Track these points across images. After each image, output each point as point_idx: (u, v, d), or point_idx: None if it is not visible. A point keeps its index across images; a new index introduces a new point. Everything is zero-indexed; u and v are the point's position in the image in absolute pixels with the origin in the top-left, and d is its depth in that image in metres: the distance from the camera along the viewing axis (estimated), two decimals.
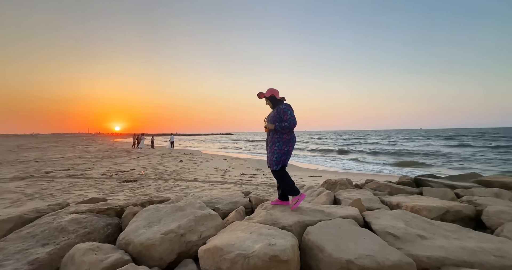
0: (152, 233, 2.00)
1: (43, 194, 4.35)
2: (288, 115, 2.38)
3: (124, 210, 2.68)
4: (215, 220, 2.29)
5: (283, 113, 2.40)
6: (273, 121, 2.44)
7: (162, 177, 6.61)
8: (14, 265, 1.56)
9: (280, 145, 2.43)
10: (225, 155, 18.30)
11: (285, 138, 2.44)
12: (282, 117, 2.41)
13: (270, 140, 2.52)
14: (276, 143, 2.44)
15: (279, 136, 2.45)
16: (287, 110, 2.41)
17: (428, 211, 2.49)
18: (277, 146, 2.43)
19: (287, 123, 2.37)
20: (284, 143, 2.44)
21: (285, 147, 2.44)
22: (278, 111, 2.44)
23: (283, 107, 2.44)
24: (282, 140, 2.43)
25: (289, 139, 2.46)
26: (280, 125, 2.38)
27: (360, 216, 2.34)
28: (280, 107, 2.45)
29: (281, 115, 2.41)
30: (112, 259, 1.65)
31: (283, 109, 2.42)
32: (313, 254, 1.78)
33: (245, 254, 1.58)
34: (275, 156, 2.43)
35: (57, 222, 2.10)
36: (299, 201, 2.43)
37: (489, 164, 13.25)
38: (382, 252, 1.64)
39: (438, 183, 4.00)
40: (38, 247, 1.79)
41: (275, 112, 2.48)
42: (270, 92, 2.52)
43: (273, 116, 2.47)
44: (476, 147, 22.33)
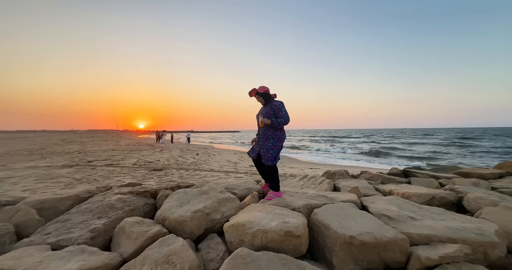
0: (184, 211, 2.08)
1: (89, 179, 4.53)
2: (283, 111, 2.23)
3: (157, 192, 2.78)
4: (234, 202, 2.36)
5: (277, 109, 2.23)
6: (267, 117, 2.25)
7: (183, 167, 6.75)
8: (80, 232, 1.68)
9: (274, 141, 2.28)
10: (234, 149, 18.43)
11: (278, 134, 2.29)
12: (277, 113, 2.24)
13: (262, 136, 2.32)
14: (270, 139, 2.28)
15: (272, 133, 2.28)
16: (281, 107, 2.24)
17: (417, 197, 2.50)
18: (271, 143, 2.28)
19: (282, 119, 2.21)
20: (278, 140, 2.29)
21: (279, 143, 2.30)
22: (272, 107, 2.26)
23: (277, 104, 2.26)
24: (276, 136, 2.28)
25: (281, 135, 2.33)
26: (276, 120, 2.21)
27: (358, 200, 2.37)
28: (274, 104, 2.27)
29: (275, 111, 2.24)
30: (154, 230, 1.74)
31: (277, 106, 2.24)
32: (320, 231, 1.83)
33: (264, 229, 1.64)
34: (270, 152, 2.28)
35: (107, 200, 2.21)
36: (275, 196, 2.36)
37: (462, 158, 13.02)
38: (380, 229, 1.67)
39: (424, 174, 3.97)
40: (95, 219, 1.90)
41: (268, 108, 2.28)
42: (263, 89, 2.33)
43: (267, 112, 2.27)
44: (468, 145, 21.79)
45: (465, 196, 2.53)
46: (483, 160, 12.46)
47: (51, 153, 10.16)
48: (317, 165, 9.98)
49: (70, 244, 1.58)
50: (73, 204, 2.32)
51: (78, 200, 2.39)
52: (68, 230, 1.72)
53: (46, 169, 5.66)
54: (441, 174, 4.12)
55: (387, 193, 2.89)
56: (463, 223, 1.86)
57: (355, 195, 2.55)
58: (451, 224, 1.81)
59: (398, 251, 1.57)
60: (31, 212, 1.91)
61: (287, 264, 1.43)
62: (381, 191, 3.00)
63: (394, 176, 4.01)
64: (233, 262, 1.38)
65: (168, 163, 7.57)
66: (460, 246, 1.51)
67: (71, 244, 1.58)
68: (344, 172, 4.00)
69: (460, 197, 2.63)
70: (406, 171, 4.19)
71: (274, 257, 1.46)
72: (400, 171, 4.27)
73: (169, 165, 7.23)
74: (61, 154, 9.75)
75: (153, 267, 1.29)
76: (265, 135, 2.31)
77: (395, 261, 1.58)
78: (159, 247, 1.42)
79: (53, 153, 9.85)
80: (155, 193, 2.78)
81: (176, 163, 7.70)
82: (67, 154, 9.59)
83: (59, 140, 23.13)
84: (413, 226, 1.83)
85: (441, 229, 1.74)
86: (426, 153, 16.05)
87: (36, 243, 1.58)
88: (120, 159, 8.31)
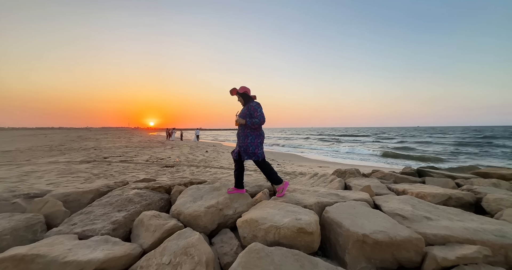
0: (197, 206, 2.15)
1: (106, 174, 4.75)
2: (258, 112, 2.29)
3: (171, 188, 2.88)
4: (246, 198, 2.41)
5: (253, 110, 2.30)
6: (243, 117, 2.34)
7: (194, 164, 6.90)
8: (102, 223, 1.79)
9: (253, 138, 2.33)
10: None
11: (256, 133, 2.35)
12: (252, 114, 2.30)
13: (241, 134, 2.38)
14: (249, 136, 2.33)
15: (250, 131, 2.34)
16: (257, 107, 2.31)
17: (432, 197, 2.43)
18: (250, 140, 2.33)
19: (257, 120, 2.27)
20: (256, 137, 2.35)
21: (257, 140, 2.35)
22: (248, 108, 2.32)
23: (253, 105, 2.32)
24: (254, 133, 2.34)
25: (259, 133, 2.38)
26: (250, 121, 2.27)
27: (371, 199, 2.34)
28: (250, 104, 2.33)
29: (251, 112, 2.30)
30: (171, 224, 1.82)
31: (253, 106, 2.31)
32: (331, 228, 1.83)
33: (276, 225, 1.67)
34: (251, 148, 2.33)
35: (126, 194, 2.32)
36: (283, 188, 2.39)
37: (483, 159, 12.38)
38: (394, 229, 1.66)
39: (439, 173, 3.84)
40: (115, 212, 2.00)
41: (245, 109, 2.35)
42: (243, 89, 2.40)
43: (243, 112, 2.35)
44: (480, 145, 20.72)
45: (484, 196, 2.43)
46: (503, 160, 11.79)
47: (69, 149, 10.70)
48: (326, 163, 9.87)
49: (94, 234, 1.69)
50: (94, 197, 2.46)
51: (99, 193, 2.53)
52: (92, 221, 1.84)
53: (66, 164, 5.98)
54: (457, 174, 3.96)
55: (400, 193, 2.83)
56: (482, 224, 1.80)
57: (367, 193, 2.52)
58: (469, 225, 1.76)
59: (413, 250, 1.55)
60: (58, 204, 2.05)
61: (300, 260, 1.45)
62: (394, 190, 2.94)
63: (407, 175, 3.91)
64: (247, 256, 1.42)
65: (179, 160, 7.76)
66: (479, 248, 1.47)
67: (95, 234, 1.69)
68: (355, 170, 3.95)
69: (478, 197, 2.53)
70: (420, 170, 4.07)
71: (287, 252, 1.49)
72: (414, 170, 4.16)
73: (180, 162, 7.42)
74: (79, 150, 10.25)
75: (172, 258, 1.36)
76: (243, 133, 2.37)
77: (410, 261, 1.56)
78: (177, 240, 1.49)
79: (71, 149, 10.37)
80: (169, 189, 2.88)
81: (187, 160, 7.88)
82: (84, 150, 10.06)
83: (76, 136, 24.25)
84: (428, 226, 1.79)
85: (458, 230, 1.70)
86: (441, 152, 15.42)
87: (64, 232, 1.70)
88: (133, 155, 8.62)
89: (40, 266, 1.24)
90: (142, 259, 1.45)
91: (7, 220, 1.68)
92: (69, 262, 1.27)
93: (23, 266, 1.22)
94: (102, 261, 1.33)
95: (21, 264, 1.22)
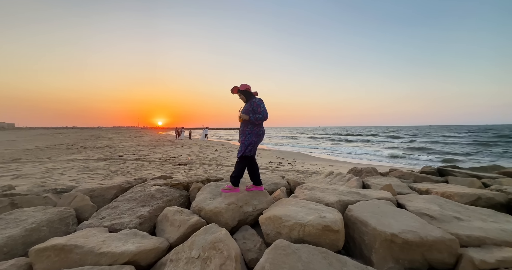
0: (218, 203, 2.17)
1: (123, 171, 4.91)
2: (261, 108, 2.28)
3: (189, 185, 2.93)
4: (265, 196, 2.41)
5: (256, 106, 2.29)
6: (246, 113, 2.32)
7: (205, 162, 6.99)
8: (129, 217, 1.85)
9: (250, 137, 2.32)
10: None
11: (255, 130, 2.33)
12: (255, 110, 2.29)
13: (241, 132, 2.39)
14: (247, 135, 2.33)
15: (249, 129, 2.32)
16: (260, 103, 2.30)
17: (460, 197, 2.33)
18: (247, 138, 2.33)
19: (260, 115, 2.26)
20: (254, 135, 2.33)
21: (254, 138, 2.33)
22: (251, 104, 2.32)
23: (256, 101, 2.32)
24: (253, 132, 2.32)
25: (258, 131, 2.35)
26: (254, 117, 2.27)
27: (394, 198, 2.28)
28: (253, 100, 2.33)
29: (254, 108, 2.30)
30: (194, 219, 1.86)
31: (256, 102, 2.31)
32: (356, 227, 1.80)
33: (301, 223, 1.66)
34: (244, 144, 2.33)
35: (148, 190, 2.39)
36: (231, 191, 2.35)
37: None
38: (424, 229, 1.60)
39: (462, 173, 3.67)
40: (139, 207, 2.07)
41: (248, 105, 2.35)
42: (244, 87, 2.39)
43: (246, 109, 2.34)
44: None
45: None
46: None
47: (85, 147, 11.14)
48: (337, 163, 9.71)
49: (123, 228, 1.75)
50: (117, 193, 2.54)
51: (121, 189, 2.62)
52: (119, 215, 1.90)
53: (84, 161, 6.23)
54: (483, 173, 3.78)
55: (423, 192, 2.73)
56: None
57: (389, 192, 2.45)
58: (506, 227, 1.67)
59: (446, 251, 1.49)
60: (86, 198, 2.14)
61: (328, 258, 1.44)
62: (416, 190, 2.85)
63: (427, 174, 3.77)
64: (274, 253, 1.42)
65: (191, 158, 7.89)
66: None
67: (124, 228, 1.75)
68: (372, 169, 3.86)
69: (510, 198, 2.40)
70: (441, 170, 3.91)
71: (314, 250, 1.48)
72: (434, 169, 4.00)
73: (191, 160, 7.54)
74: (94, 148, 10.65)
75: (201, 252, 1.38)
76: (243, 131, 2.37)
77: (442, 262, 1.51)
78: (204, 234, 1.51)
79: (87, 148, 10.79)
80: (187, 185, 2.93)
81: (198, 158, 8.00)
82: (99, 149, 10.44)
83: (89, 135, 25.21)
84: (460, 226, 1.72)
85: (494, 231, 1.62)
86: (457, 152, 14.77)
87: (95, 225, 1.76)
88: (146, 153, 8.85)
89: (78, 256, 1.30)
90: (171, 252, 1.49)
91: (42, 213, 1.77)
92: (104, 253, 1.32)
93: (64, 255, 1.28)
94: (134, 253, 1.37)
95: (61, 253, 1.29)
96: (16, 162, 6.06)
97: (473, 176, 3.49)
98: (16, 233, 1.47)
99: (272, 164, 7.78)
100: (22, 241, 1.46)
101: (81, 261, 1.29)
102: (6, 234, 1.44)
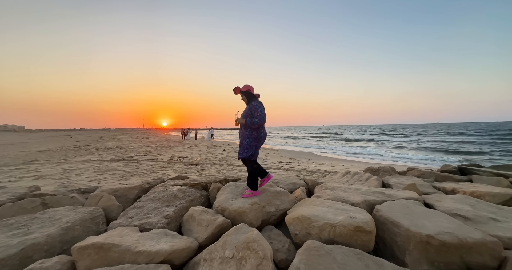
0: (241, 203, 2.17)
1: (138, 172, 4.99)
2: (259, 112, 2.24)
3: (207, 185, 2.95)
4: (287, 196, 2.39)
5: (254, 110, 2.26)
6: (245, 116, 2.31)
7: (216, 162, 7.03)
8: (156, 217, 1.87)
9: (250, 141, 2.31)
10: None
11: (254, 134, 2.31)
12: (253, 113, 2.26)
13: (241, 135, 2.40)
14: (246, 138, 2.32)
15: (248, 132, 2.31)
16: (258, 107, 2.26)
17: (492, 197, 2.25)
18: (247, 142, 2.32)
19: (257, 120, 2.23)
20: (254, 140, 2.31)
21: (253, 143, 2.32)
22: (250, 107, 2.30)
23: (255, 104, 2.29)
24: (252, 136, 2.31)
25: (258, 135, 2.33)
26: (250, 121, 2.24)
27: (421, 198, 2.22)
28: (252, 104, 2.30)
29: (252, 111, 2.27)
30: (221, 219, 1.86)
31: (254, 106, 2.27)
32: (386, 228, 1.76)
33: (331, 223, 1.63)
34: (245, 150, 2.33)
35: (170, 191, 2.41)
36: (252, 195, 2.30)
37: None
38: (461, 230, 1.55)
39: (486, 172, 3.54)
40: (164, 207, 2.09)
41: (246, 109, 2.34)
42: (246, 88, 2.36)
43: (245, 112, 2.34)
44: None
45: None
46: None
47: (96, 148, 11.39)
48: (347, 162, 9.58)
49: (152, 227, 1.77)
50: (138, 193, 2.58)
51: (142, 189, 2.66)
52: (146, 215, 1.93)
53: (99, 162, 6.37)
54: (507, 172, 3.63)
55: (449, 192, 2.65)
56: None
57: (414, 192, 2.39)
58: None
59: (488, 254, 1.44)
60: (112, 198, 2.18)
61: (363, 259, 1.41)
62: (441, 189, 2.76)
63: (448, 173, 3.66)
64: (308, 253, 1.40)
65: (201, 159, 7.95)
66: None
67: (153, 227, 1.77)
68: (389, 168, 3.78)
69: None
70: (463, 168, 3.79)
71: (348, 251, 1.45)
72: (455, 168, 3.88)
73: (201, 160, 7.60)
74: (105, 149, 10.88)
75: (235, 252, 1.38)
76: (242, 135, 2.36)
77: (483, 266, 1.45)
78: (236, 234, 1.51)
79: (98, 149, 11.04)
80: (205, 185, 2.94)
81: (208, 159, 8.05)
82: (110, 150, 10.66)
83: (98, 137, 25.78)
84: (498, 228, 1.66)
85: None
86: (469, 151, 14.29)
87: (124, 225, 1.79)
88: (156, 154, 8.97)
89: (116, 255, 1.32)
90: (204, 252, 1.49)
91: (73, 212, 1.81)
92: (141, 252, 1.34)
93: (103, 253, 1.31)
94: (169, 252, 1.39)
95: (101, 251, 1.31)
96: (34, 163, 6.26)
97: (498, 175, 3.37)
98: (54, 231, 1.51)
99: (282, 163, 7.75)
100: (59, 239, 1.50)
101: (119, 259, 1.31)
102: (45, 232, 1.48)
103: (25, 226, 1.58)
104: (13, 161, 6.71)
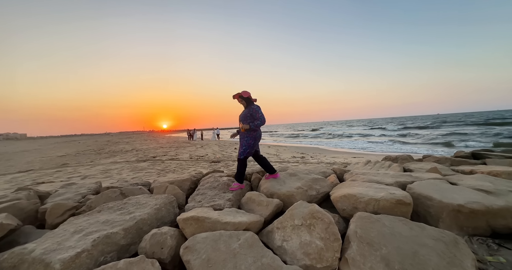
0: (288, 188, 2.48)
1: (169, 169, 5.34)
2: (259, 114, 2.54)
3: (247, 176, 3.27)
4: (325, 181, 2.69)
5: (255, 112, 2.55)
6: (245, 118, 2.59)
7: (235, 159, 7.36)
8: (220, 200, 2.21)
9: (248, 140, 2.57)
10: (264, 143, 18.91)
11: (253, 134, 2.59)
12: (254, 115, 2.55)
13: (241, 135, 2.67)
14: (245, 138, 2.58)
15: (247, 132, 2.58)
16: (258, 110, 2.56)
17: (508, 175, 2.52)
18: (245, 141, 2.57)
19: (259, 121, 2.52)
20: (251, 138, 2.57)
21: (251, 141, 2.58)
22: (250, 110, 2.57)
23: (254, 107, 2.58)
24: (250, 135, 2.58)
25: (255, 134, 2.60)
26: (254, 124, 2.53)
27: (445, 178, 2.50)
28: (252, 107, 2.59)
29: (253, 113, 2.55)
30: (277, 200, 2.17)
31: (254, 109, 2.56)
32: (419, 202, 2.05)
33: (375, 198, 1.93)
34: (243, 148, 2.58)
35: (222, 180, 2.74)
36: (237, 188, 2.57)
37: None
38: (486, 199, 1.83)
39: (498, 155, 3.80)
40: (222, 193, 2.42)
41: (246, 111, 2.60)
42: (247, 94, 2.64)
43: (245, 114, 2.60)
44: None
45: None
46: None
47: (113, 151, 11.82)
48: (358, 154, 9.83)
49: (221, 208, 2.10)
50: (190, 184, 2.92)
51: (192, 181, 2.99)
52: (212, 199, 2.26)
53: (127, 163, 6.75)
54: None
55: (467, 173, 2.93)
56: None
57: (437, 174, 2.67)
58: None
59: (510, 217, 1.72)
60: (176, 188, 2.51)
61: (408, 224, 1.71)
62: (460, 172, 3.04)
63: (462, 158, 3.92)
64: (361, 221, 1.71)
65: (219, 156, 8.29)
66: None
67: (222, 208, 2.09)
68: (407, 156, 4.06)
69: None
70: (476, 153, 4.05)
71: (393, 218, 1.75)
72: (468, 153, 4.14)
73: (220, 157, 7.94)
74: (123, 152, 11.30)
75: (303, 221, 1.69)
76: (242, 135, 2.65)
77: (506, 227, 1.74)
78: (300, 208, 1.82)
79: (115, 152, 11.47)
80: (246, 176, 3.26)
81: (225, 156, 8.39)
82: (128, 152, 11.07)
83: (105, 141, 26.25)
84: None
85: None
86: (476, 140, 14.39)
87: (198, 206, 2.12)
88: (174, 154, 9.34)
89: (209, 224, 1.65)
90: (274, 223, 1.81)
91: (153, 198, 2.14)
92: (227, 222, 1.67)
93: (200, 224, 1.64)
94: (248, 223, 1.71)
95: (198, 222, 1.64)
96: (68, 166, 6.66)
97: (510, 157, 3.62)
98: (150, 211, 1.84)
99: (296, 158, 8.05)
100: (155, 217, 1.83)
101: (212, 228, 1.64)
102: (145, 211, 1.81)
103: (123, 209, 1.92)
104: (46, 165, 7.12)
